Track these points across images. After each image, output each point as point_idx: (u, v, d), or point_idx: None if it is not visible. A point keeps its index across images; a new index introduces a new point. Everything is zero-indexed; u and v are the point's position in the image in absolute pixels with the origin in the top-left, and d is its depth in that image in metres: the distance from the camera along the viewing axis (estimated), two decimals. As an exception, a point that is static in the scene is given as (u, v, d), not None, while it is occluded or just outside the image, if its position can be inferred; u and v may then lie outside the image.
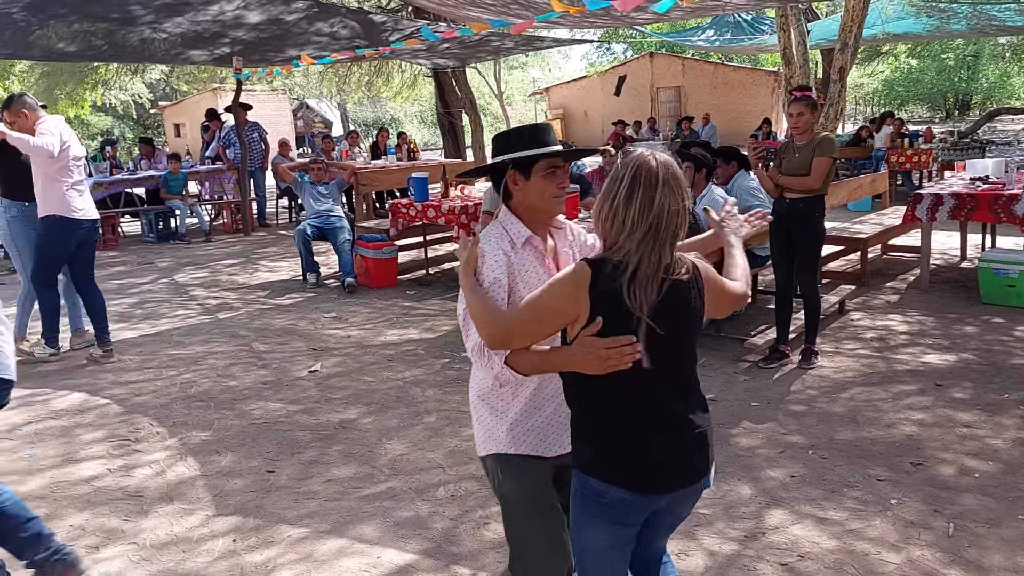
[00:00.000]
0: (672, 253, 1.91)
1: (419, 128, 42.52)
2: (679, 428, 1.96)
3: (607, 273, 1.87)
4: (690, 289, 1.95)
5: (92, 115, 30.34)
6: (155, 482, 3.89)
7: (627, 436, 1.92)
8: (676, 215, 1.89)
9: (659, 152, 1.98)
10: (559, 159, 2.19)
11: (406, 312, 7.05)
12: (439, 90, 16.47)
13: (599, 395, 1.93)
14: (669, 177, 1.89)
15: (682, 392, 1.99)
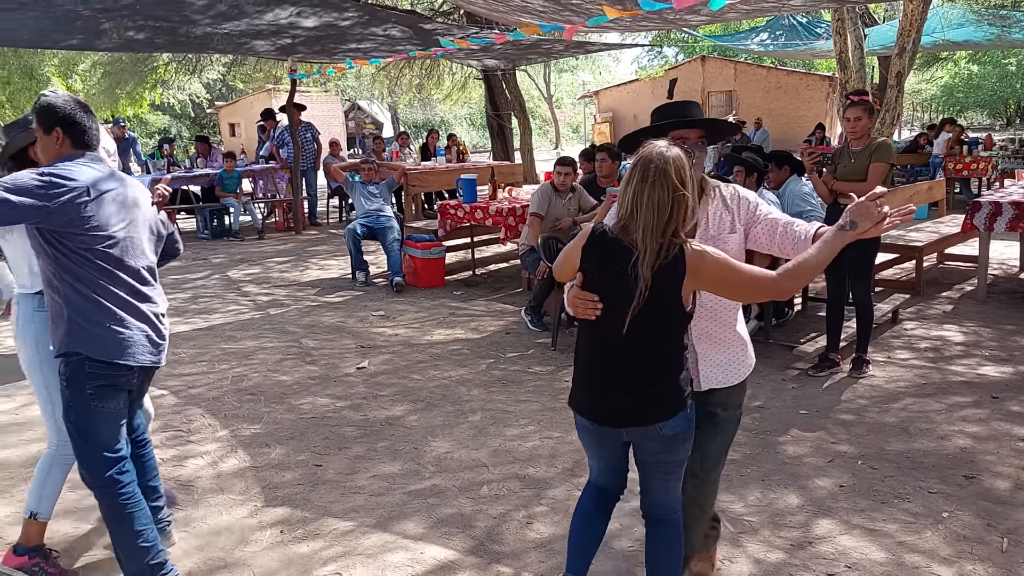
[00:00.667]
0: (653, 237, 2.22)
1: (468, 130, 42.72)
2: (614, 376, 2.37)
3: (596, 238, 2.34)
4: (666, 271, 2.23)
5: (150, 114, 31.09)
6: (207, 473, 3.98)
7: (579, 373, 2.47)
8: (663, 205, 2.21)
9: (666, 148, 2.27)
10: (684, 132, 2.51)
11: (453, 312, 7.09)
12: (489, 92, 16.55)
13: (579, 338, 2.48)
14: (657, 173, 2.22)
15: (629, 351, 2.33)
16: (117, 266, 2.82)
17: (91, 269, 2.76)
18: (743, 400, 2.68)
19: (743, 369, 2.61)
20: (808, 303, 6.68)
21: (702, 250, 2.26)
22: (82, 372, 2.74)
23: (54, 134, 2.82)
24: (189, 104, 33.07)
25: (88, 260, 2.75)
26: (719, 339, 2.55)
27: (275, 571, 3.09)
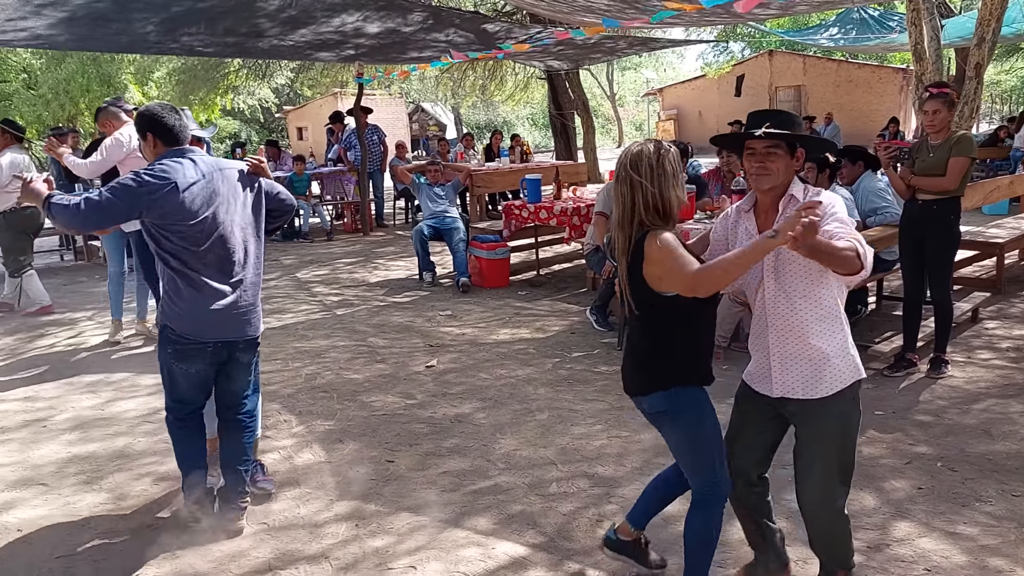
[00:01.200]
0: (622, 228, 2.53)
1: (530, 130, 42.79)
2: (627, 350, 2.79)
3: None
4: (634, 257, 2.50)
5: (221, 119, 31.91)
6: (283, 466, 4.08)
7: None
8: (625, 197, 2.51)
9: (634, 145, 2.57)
10: (754, 143, 2.53)
11: (518, 312, 7.13)
12: (552, 92, 16.55)
13: None
14: (620, 168, 2.54)
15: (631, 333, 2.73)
16: (203, 251, 3.26)
17: (180, 253, 3.23)
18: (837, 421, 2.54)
19: (821, 386, 2.50)
20: (882, 302, 6.53)
21: (656, 234, 2.44)
22: (166, 338, 3.32)
23: (148, 138, 3.35)
24: (258, 109, 33.89)
25: (177, 245, 3.22)
26: (790, 351, 2.54)
27: (352, 564, 3.16)
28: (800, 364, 2.52)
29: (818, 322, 2.49)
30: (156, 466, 4.17)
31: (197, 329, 3.29)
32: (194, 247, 3.23)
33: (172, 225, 3.19)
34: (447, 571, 3.09)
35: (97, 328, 7.01)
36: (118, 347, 6.45)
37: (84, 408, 5.07)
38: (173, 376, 3.39)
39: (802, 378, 2.52)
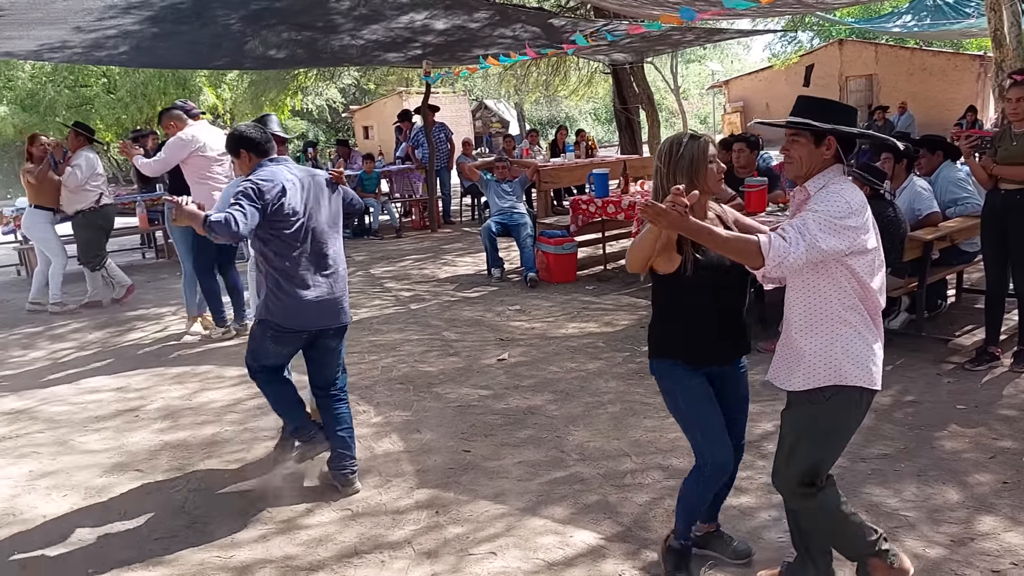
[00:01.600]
0: None
1: (592, 125, 42.56)
2: None
3: None
4: None
5: (290, 120, 32.60)
6: (364, 455, 4.20)
7: None
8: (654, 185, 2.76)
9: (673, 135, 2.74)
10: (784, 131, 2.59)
11: (586, 307, 7.16)
12: (617, 86, 16.46)
13: None
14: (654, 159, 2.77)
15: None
16: (300, 245, 3.64)
17: (284, 252, 3.61)
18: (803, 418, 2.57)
19: (793, 379, 2.56)
20: (962, 294, 6.37)
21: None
22: (268, 326, 3.70)
23: (243, 155, 3.74)
24: (326, 109, 34.48)
25: (282, 243, 3.60)
26: (782, 339, 2.66)
27: (434, 550, 3.25)
28: (782, 353, 2.63)
29: (803, 318, 2.53)
30: (243, 453, 4.34)
31: (299, 321, 3.68)
32: (297, 244, 3.61)
33: (279, 223, 3.56)
34: (526, 558, 3.16)
35: (180, 323, 7.28)
36: (201, 341, 6.69)
37: (173, 398, 5.30)
38: (267, 352, 3.79)
39: (782, 367, 2.62)
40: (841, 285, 2.45)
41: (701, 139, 2.70)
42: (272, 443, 4.39)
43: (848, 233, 2.37)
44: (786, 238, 2.36)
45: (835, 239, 2.36)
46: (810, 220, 2.37)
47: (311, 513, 3.64)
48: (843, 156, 2.49)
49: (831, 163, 2.49)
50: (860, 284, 2.45)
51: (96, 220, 8.05)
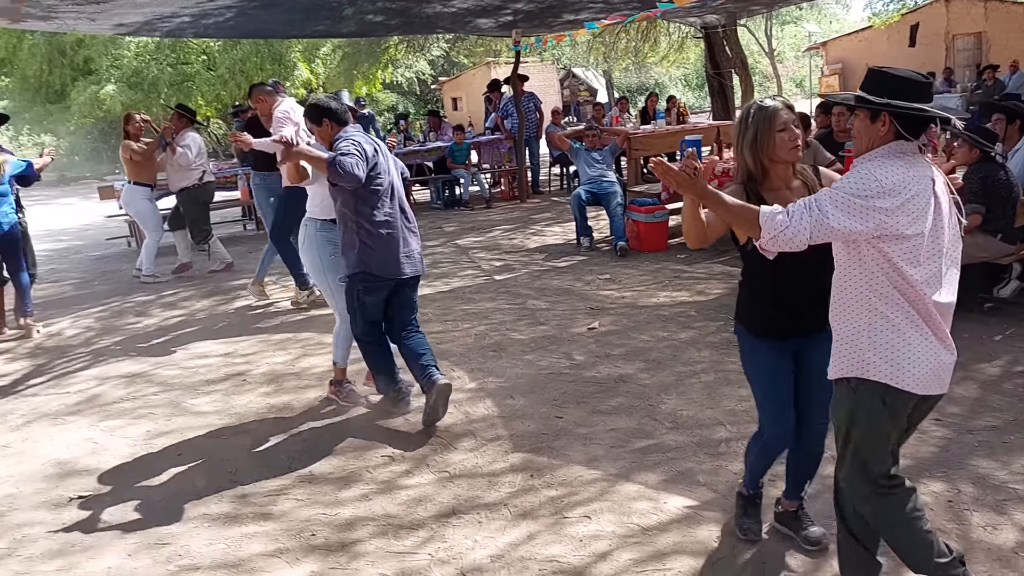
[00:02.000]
0: None
1: (683, 91, 41.71)
2: None
3: None
4: None
5: (381, 92, 33.05)
6: (459, 420, 4.33)
7: None
8: None
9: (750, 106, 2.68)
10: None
11: (677, 275, 7.11)
12: (709, 51, 16.09)
13: None
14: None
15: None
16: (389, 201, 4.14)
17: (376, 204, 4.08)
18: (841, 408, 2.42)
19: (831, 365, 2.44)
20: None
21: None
22: (359, 279, 4.15)
23: (325, 123, 4.15)
24: (415, 81, 34.79)
25: (373, 197, 4.07)
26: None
27: (529, 512, 3.34)
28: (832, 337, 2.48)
29: (836, 302, 2.41)
30: (345, 416, 4.51)
31: (392, 270, 4.17)
32: (386, 200, 4.14)
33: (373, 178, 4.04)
34: (620, 523, 3.21)
35: (281, 291, 7.56)
36: (302, 308, 6.94)
37: (276, 363, 5.53)
38: (364, 306, 4.25)
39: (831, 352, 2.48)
40: (871, 271, 2.29)
41: (769, 108, 2.61)
42: (367, 407, 4.57)
43: (872, 214, 2.19)
44: (789, 212, 2.27)
45: (850, 218, 2.20)
46: (824, 196, 2.26)
47: (410, 475, 3.77)
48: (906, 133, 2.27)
49: (889, 139, 2.29)
50: (897, 273, 2.24)
51: (200, 197, 8.49)
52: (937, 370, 2.30)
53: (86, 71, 25.00)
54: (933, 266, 2.26)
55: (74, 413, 4.87)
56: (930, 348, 2.29)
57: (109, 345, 6.32)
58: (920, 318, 2.28)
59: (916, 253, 2.23)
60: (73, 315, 7.44)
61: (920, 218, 2.22)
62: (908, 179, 2.22)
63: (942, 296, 2.28)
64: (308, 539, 3.27)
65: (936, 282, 2.27)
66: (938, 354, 2.30)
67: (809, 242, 2.27)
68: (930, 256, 2.25)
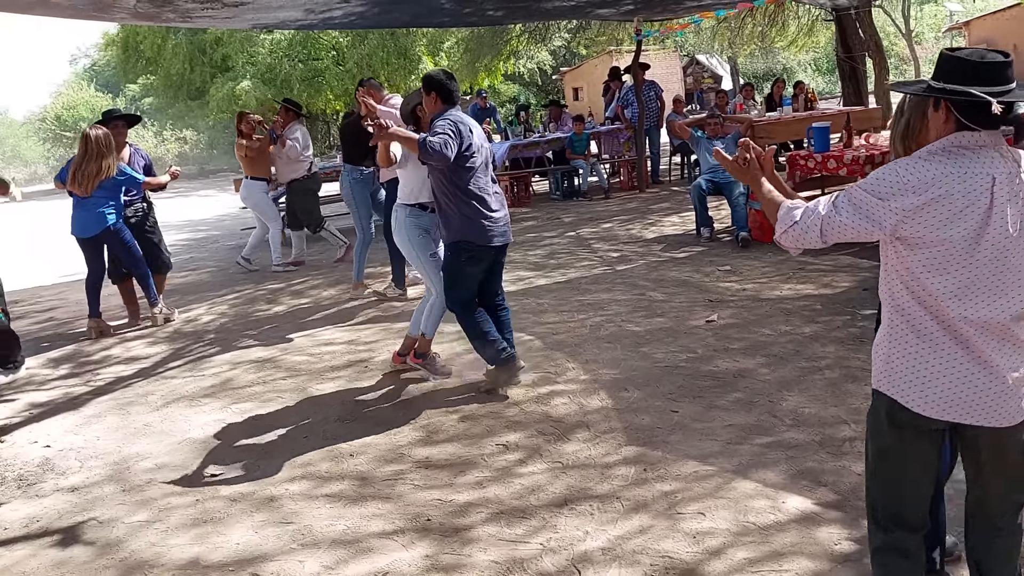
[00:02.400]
0: None
1: (812, 77, 40.18)
2: None
3: None
4: None
5: (503, 84, 33.36)
6: (573, 411, 4.33)
7: None
8: None
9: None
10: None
11: (802, 267, 6.86)
12: (840, 34, 15.40)
13: None
14: None
15: None
16: (484, 176, 4.52)
17: (474, 178, 4.44)
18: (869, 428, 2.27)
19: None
20: None
21: None
22: (462, 249, 4.51)
23: (432, 96, 4.49)
24: (536, 72, 34.94)
25: (472, 171, 4.43)
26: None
27: (642, 505, 3.31)
28: None
29: (884, 303, 2.20)
30: (462, 404, 4.60)
31: (490, 238, 4.53)
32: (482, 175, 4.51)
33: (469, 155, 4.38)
34: (736, 520, 3.13)
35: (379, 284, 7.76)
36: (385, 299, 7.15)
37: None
38: (464, 276, 4.59)
39: None
40: (890, 276, 2.10)
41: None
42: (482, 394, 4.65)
43: (887, 215, 1.99)
44: (807, 207, 2.11)
45: (862, 217, 2.02)
46: (846, 192, 2.08)
47: (523, 463, 3.80)
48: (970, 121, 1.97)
49: (951, 129, 2.02)
50: (916, 281, 2.02)
51: (309, 186, 8.84)
52: (971, 394, 2.02)
53: (224, 68, 26.36)
54: (966, 275, 1.99)
55: (208, 396, 5.16)
56: (956, 368, 2.03)
57: (241, 331, 6.66)
58: (945, 334, 2.03)
59: (943, 261, 1.99)
60: (209, 302, 7.88)
61: (951, 222, 1.97)
62: (941, 176, 1.97)
63: (981, 311, 2.00)
64: (423, 523, 3.35)
65: (971, 294, 2.00)
66: (971, 376, 2.02)
67: (823, 240, 2.10)
68: (963, 265, 1.99)
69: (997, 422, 2.04)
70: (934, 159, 2.00)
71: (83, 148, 6.47)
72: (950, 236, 1.97)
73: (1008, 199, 1.98)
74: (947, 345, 2.03)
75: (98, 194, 6.49)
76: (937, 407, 2.05)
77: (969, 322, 2.00)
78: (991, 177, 1.97)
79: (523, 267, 7.97)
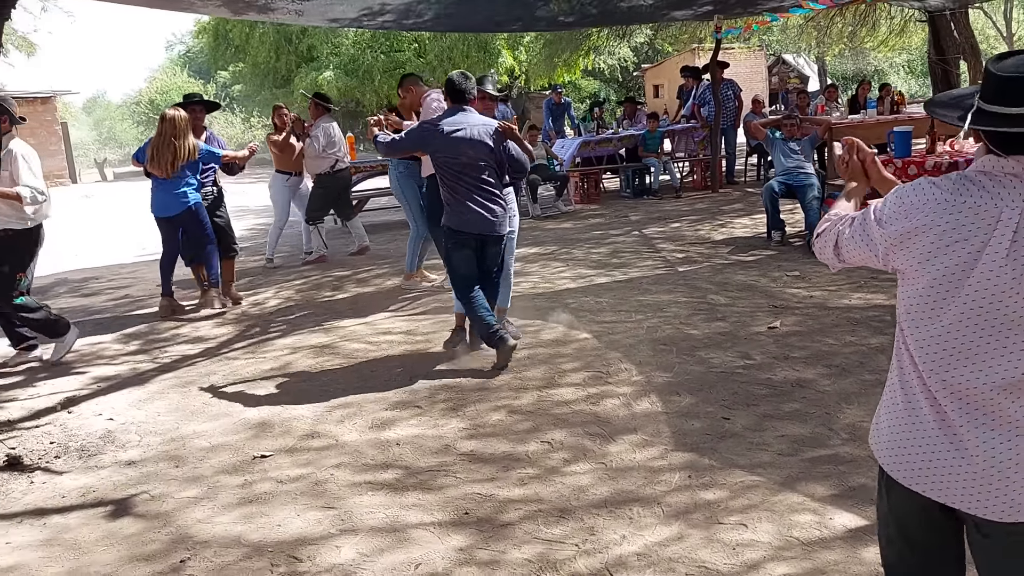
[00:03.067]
0: None
1: (905, 79, 38.79)
2: None
3: None
4: None
5: (582, 80, 33.20)
6: (622, 412, 4.27)
7: None
8: None
9: None
10: None
11: (874, 276, 6.63)
12: (933, 35, 14.81)
13: None
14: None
15: None
16: (461, 175, 4.98)
17: (448, 177, 5.02)
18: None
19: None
20: None
21: None
22: (452, 235, 5.12)
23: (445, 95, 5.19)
24: (617, 68, 34.64)
25: (445, 171, 5.03)
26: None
27: (683, 512, 3.24)
28: None
29: None
30: (511, 400, 4.59)
31: (465, 224, 5.05)
32: (456, 173, 4.98)
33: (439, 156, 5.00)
34: (778, 534, 3.04)
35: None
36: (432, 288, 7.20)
37: (453, 343, 5.70)
38: (456, 260, 5.15)
39: None
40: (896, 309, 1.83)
41: None
42: (537, 393, 4.62)
43: (880, 240, 1.77)
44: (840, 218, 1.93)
45: (859, 239, 1.83)
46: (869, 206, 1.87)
47: (568, 463, 3.77)
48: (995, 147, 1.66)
49: (982, 153, 1.73)
50: (904, 322, 1.76)
51: (332, 183, 8.78)
52: (941, 471, 1.69)
53: (309, 58, 26.95)
54: (941, 325, 1.67)
55: (266, 378, 5.27)
56: (925, 435, 1.72)
57: (304, 316, 6.79)
58: (922, 392, 1.73)
59: (920, 303, 1.71)
60: (277, 286, 8.06)
61: (932, 257, 1.67)
62: (932, 203, 1.68)
63: (956, 372, 1.67)
64: (461, 516, 3.35)
65: (945, 350, 1.67)
66: (939, 449, 1.70)
67: (839, 260, 1.92)
68: (940, 311, 1.67)
69: (982, 512, 1.66)
70: (942, 183, 1.71)
71: (161, 129, 6.62)
72: (929, 273, 1.68)
73: (1019, 240, 1.60)
74: (921, 406, 1.73)
75: (179, 175, 6.65)
76: (908, 475, 1.75)
77: (942, 384, 1.69)
78: (997, 212, 1.61)
79: (584, 264, 7.91)
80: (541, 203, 11.26)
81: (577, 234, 9.64)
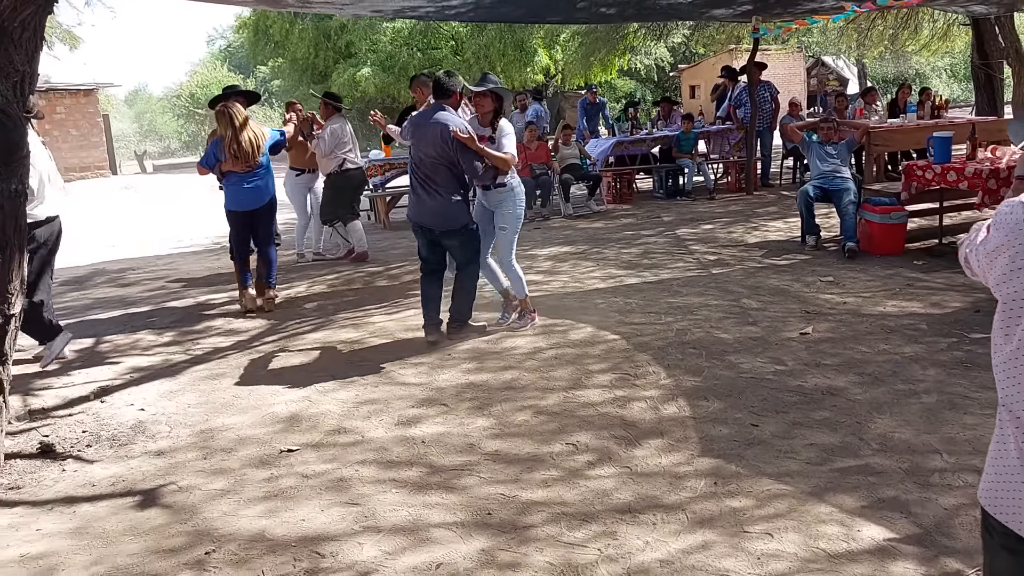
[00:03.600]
0: None
1: (947, 83, 38.11)
2: None
3: None
4: None
5: (619, 79, 33.04)
6: (648, 416, 4.24)
7: None
8: None
9: None
10: None
11: (910, 284, 6.51)
12: (977, 40, 14.54)
13: None
14: None
15: None
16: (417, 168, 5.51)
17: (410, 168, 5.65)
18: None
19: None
20: None
21: None
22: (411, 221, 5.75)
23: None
24: (654, 68, 34.43)
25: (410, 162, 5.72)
26: None
27: (708, 520, 3.20)
28: None
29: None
30: (537, 400, 4.57)
31: (414, 217, 5.64)
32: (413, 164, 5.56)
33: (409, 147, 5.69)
34: (804, 544, 3.00)
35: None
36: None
37: (479, 342, 5.70)
38: (419, 244, 5.72)
39: None
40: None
41: None
42: (563, 394, 4.60)
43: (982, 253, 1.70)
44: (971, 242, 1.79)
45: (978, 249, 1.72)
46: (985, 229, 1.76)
47: (592, 466, 3.75)
48: None
49: None
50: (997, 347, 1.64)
51: (339, 184, 8.65)
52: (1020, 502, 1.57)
53: (347, 54, 27.11)
54: (1009, 350, 1.60)
55: (296, 373, 5.31)
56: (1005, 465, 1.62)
57: (335, 311, 6.82)
58: (1010, 422, 1.61)
59: (996, 326, 1.65)
60: (310, 280, 8.12)
61: (1006, 280, 1.61)
62: (1011, 224, 1.61)
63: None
64: (484, 517, 3.34)
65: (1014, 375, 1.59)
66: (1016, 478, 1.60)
67: (968, 270, 1.79)
68: (1010, 337, 1.60)
69: None
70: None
71: (230, 123, 6.51)
72: (1004, 293, 1.62)
73: None
74: (1007, 433, 1.62)
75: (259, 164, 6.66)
76: (1005, 513, 1.61)
77: (1010, 411, 1.61)
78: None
79: (615, 265, 7.86)
80: (573, 202, 11.21)
81: (609, 234, 9.60)
